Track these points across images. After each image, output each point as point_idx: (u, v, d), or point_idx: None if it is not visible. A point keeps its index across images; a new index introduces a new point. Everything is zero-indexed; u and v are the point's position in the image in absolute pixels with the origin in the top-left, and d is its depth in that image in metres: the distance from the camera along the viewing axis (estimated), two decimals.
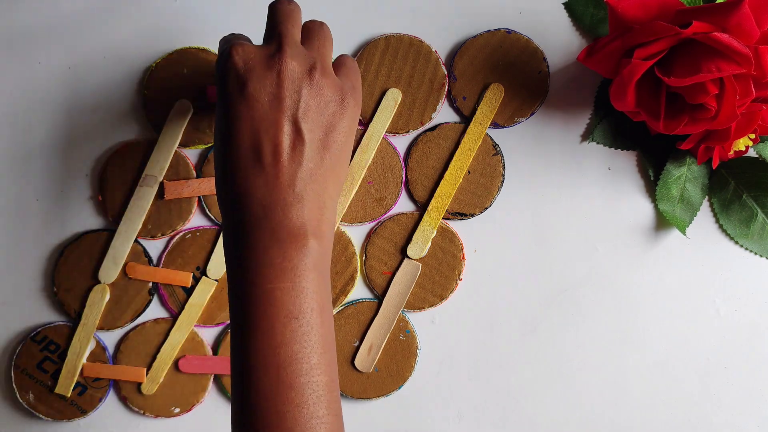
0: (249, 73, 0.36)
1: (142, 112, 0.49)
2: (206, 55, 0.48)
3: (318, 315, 0.35)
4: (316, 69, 0.37)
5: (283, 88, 0.36)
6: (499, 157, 0.49)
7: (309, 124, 0.36)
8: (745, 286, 0.50)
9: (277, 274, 0.35)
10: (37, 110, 0.49)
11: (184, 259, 0.49)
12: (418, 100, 0.49)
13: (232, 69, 0.36)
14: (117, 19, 0.49)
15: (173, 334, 0.49)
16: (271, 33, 0.38)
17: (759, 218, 0.49)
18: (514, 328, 0.50)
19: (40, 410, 0.49)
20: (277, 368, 0.34)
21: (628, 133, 0.49)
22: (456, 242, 0.49)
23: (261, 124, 0.36)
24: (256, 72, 0.36)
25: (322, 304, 0.36)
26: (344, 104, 0.38)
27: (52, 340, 0.49)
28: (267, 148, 0.35)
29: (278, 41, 0.37)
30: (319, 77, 0.37)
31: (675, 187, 0.49)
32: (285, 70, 0.36)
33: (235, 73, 0.36)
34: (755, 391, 0.50)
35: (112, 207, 0.49)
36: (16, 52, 0.49)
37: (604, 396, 0.50)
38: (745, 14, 0.40)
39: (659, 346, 0.50)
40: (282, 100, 0.36)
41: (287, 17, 0.39)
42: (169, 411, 0.49)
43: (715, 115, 0.42)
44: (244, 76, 0.36)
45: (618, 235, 0.50)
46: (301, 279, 0.35)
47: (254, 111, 0.36)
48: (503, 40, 0.49)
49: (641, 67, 0.42)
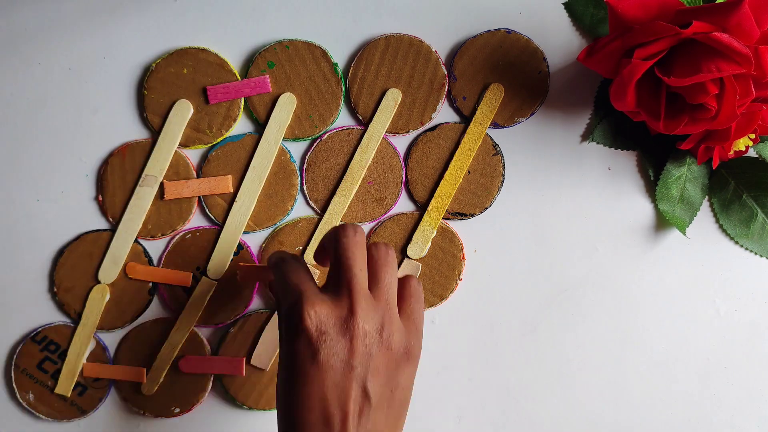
0: (321, 340, 0.35)
1: (142, 112, 0.49)
2: (206, 56, 0.48)
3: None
4: (385, 326, 0.36)
5: (354, 354, 0.35)
6: (499, 157, 0.49)
7: (376, 387, 0.36)
8: (745, 286, 0.50)
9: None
10: (37, 110, 0.49)
11: (184, 259, 0.49)
12: (418, 100, 0.49)
13: (304, 333, 0.35)
14: (117, 19, 0.49)
15: (173, 334, 0.49)
16: (340, 278, 0.37)
17: (759, 218, 0.49)
18: (514, 328, 0.50)
19: (40, 410, 0.49)
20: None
21: (628, 133, 0.49)
22: (456, 242, 0.49)
23: (331, 393, 0.35)
24: (329, 338, 0.35)
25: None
26: (409, 354, 0.37)
27: (52, 340, 0.49)
28: (336, 418, 0.35)
29: (348, 296, 0.36)
30: (388, 333, 0.36)
31: (675, 187, 0.49)
32: (357, 336, 0.35)
33: (307, 339, 0.35)
34: (755, 391, 0.51)
35: (112, 207, 0.49)
36: (16, 52, 0.49)
37: (604, 396, 0.50)
38: (745, 14, 0.40)
39: (659, 346, 0.50)
40: (353, 367, 0.35)
41: (355, 258, 0.37)
42: (169, 411, 0.49)
43: (715, 115, 0.42)
44: (316, 343, 0.35)
45: (618, 235, 0.50)
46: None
47: (325, 379, 0.35)
48: (503, 40, 0.49)
49: (641, 67, 0.42)
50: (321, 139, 0.49)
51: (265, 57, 0.48)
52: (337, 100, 0.49)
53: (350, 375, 0.35)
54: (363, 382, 0.36)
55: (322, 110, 0.49)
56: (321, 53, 0.48)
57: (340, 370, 0.35)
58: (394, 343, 0.37)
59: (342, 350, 0.35)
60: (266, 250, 0.49)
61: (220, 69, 0.48)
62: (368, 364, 0.36)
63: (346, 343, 0.35)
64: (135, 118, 0.49)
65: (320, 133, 0.49)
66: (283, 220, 0.49)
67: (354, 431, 0.35)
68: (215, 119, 0.48)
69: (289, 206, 0.49)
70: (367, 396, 0.36)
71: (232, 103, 0.48)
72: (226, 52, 0.49)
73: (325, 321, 0.36)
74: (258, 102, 0.49)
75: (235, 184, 0.49)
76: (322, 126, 0.49)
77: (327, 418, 0.35)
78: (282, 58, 0.48)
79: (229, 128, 0.49)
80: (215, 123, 0.48)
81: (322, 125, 0.49)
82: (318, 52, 0.48)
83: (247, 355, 0.49)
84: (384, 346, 0.36)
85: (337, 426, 0.35)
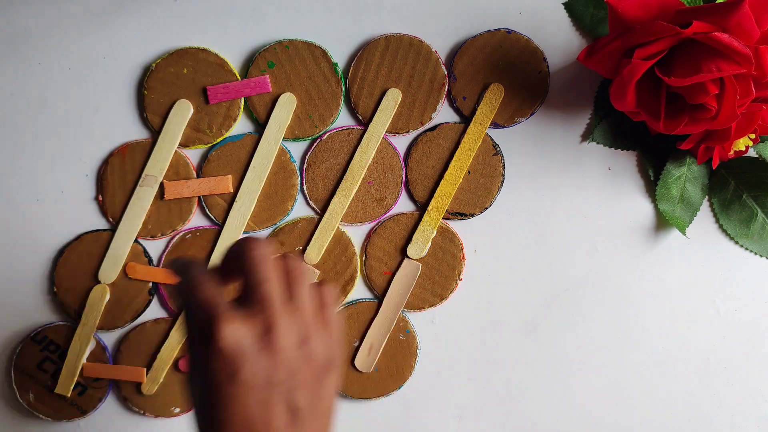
0: (241, 359, 0.32)
1: (142, 112, 0.49)
2: (206, 56, 0.48)
3: None
4: (307, 338, 0.34)
5: (277, 370, 0.33)
6: (499, 157, 0.49)
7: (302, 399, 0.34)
8: (745, 286, 0.50)
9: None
10: (37, 110, 0.49)
11: None
12: (418, 100, 0.49)
13: (220, 352, 0.32)
14: (117, 19, 0.49)
15: (173, 334, 0.49)
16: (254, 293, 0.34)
17: (759, 218, 0.49)
18: (514, 328, 0.50)
19: (40, 410, 0.49)
20: None
21: (628, 133, 0.49)
22: (456, 242, 0.49)
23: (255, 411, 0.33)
24: (249, 357, 0.33)
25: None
26: (332, 364, 0.35)
27: (52, 340, 0.49)
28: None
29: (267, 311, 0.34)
30: (311, 346, 0.34)
31: (675, 187, 0.49)
32: (279, 352, 0.33)
33: (225, 358, 0.32)
34: (755, 391, 0.51)
35: (112, 207, 0.49)
36: (16, 52, 0.49)
37: (604, 396, 0.50)
38: (745, 14, 0.40)
39: (659, 346, 0.50)
40: (277, 384, 0.33)
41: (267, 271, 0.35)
42: (169, 411, 0.49)
43: (715, 115, 0.42)
44: (236, 362, 0.32)
45: (618, 235, 0.50)
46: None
47: (247, 397, 0.33)
48: (503, 40, 0.49)
49: (641, 67, 0.42)
50: (321, 139, 0.49)
51: (265, 57, 0.48)
52: (337, 100, 0.49)
53: (274, 392, 0.33)
54: (289, 398, 0.33)
55: (322, 110, 0.49)
56: (321, 53, 0.48)
57: (263, 389, 0.33)
58: (318, 355, 0.35)
59: (264, 368, 0.33)
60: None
61: (220, 69, 0.48)
62: (293, 379, 0.34)
63: (267, 360, 0.33)
64: (135, 118, 0.49)
65: (320, 133, 0.49)
66: (283, 220, 0.49)
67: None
68: (215, 119, 0.48)
69: (289, 206, 0.49)
70: (294, 411, 0.33)
71: (232, 103, 0.48)
72: (226, 52, 0.49)
73: (243, 339, 0.33)
74: (258, 102, 0.48)
75: (235, 184, 0.49)
76: (322, 126, 0.49)
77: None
78: (282, 58, 0.48)
79: (229, 128, 0.49)
80: (215, 123, 0.48)
81: (322, 125, 0.49)
82: (318, 52, 0.48)
83: None
84: (307, 359, 0.34)
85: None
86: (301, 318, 0.35)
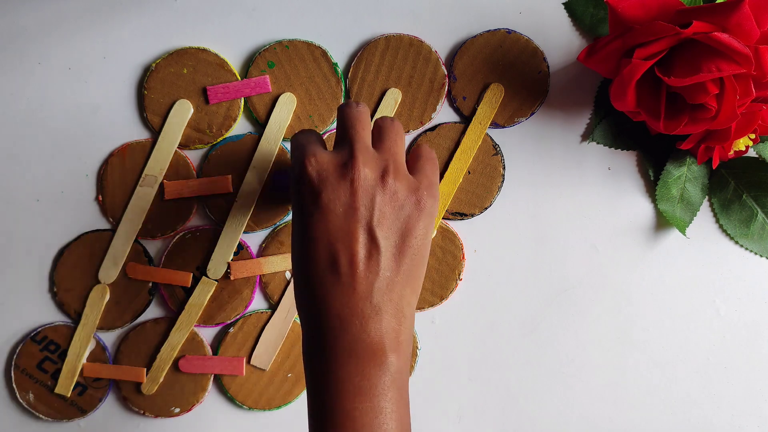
0: (323, 184, 0.36)
1: (142, 112, 0.49)
2: (206, 56, 0.48)
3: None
4: (389, 173, 0.37)
5: (356, 197, 0.36)
6: (499, 157, 0.49)
7: (384, 231, 0.36)
8: (745, 286, 0.50)
9: (355, 393, 0.34)
10: (37, 110, 0.49)
11: (184, 259, 0.49)
12: (418, 100, 0.49)
13: (306, 179, 0.37)
14: (117, 19, 0.49)
15: (173, 334, 0.49)
16: (343, 137, 0.38)
17: (759, 218, 0.49)
18: (514, 328, 0.50)
19: (40, 410, 0.49)
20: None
21: (628, 133, 0.49)
22: (456, 242, 0.49)
23: (336, 235, 0.35)
24: (330, 182, 0.36)
25: (401, 422, 0.35)
26: (420, 205, 0.37)
27: (52, 340, 0.49)
28: (343, 259, 0.35)
29: (350, 147, 0.37)
30: (393, 181, 0.37)
31: (675, 187, 0.49)
32: (358, 179, 0.36)
33: (309, 184, 0.36)
34: (755, 391, 0.51)
35: (112, 207, 0.49)
36: (16, 52, 0.49)
37: (604, 396, 0.50)
38: (745, 14, 0.40)
39: (659, 346, 0.50)
40: (356, 209, 0.36)
41: (356, 121, 0.38)
42: (169, 411, 0.49)
43: (715, 115, 0.42)
44: (318, 187, 0.36)
45: (618, 235, 0.50)
46: (380, 398, 0.34)
47: (329, 222, 0.36)
48: (503, 40, 0.49)
49: (641, 67, 0.42)
50: None
51: (265, 57, 0.48)
52: (337, 100, 0.49)
53: (354, 218, 0.36)
54: (369, 226, 0.36)
55: (322, 110, 0.49)
56: (321, 53, 0.48)
57: (343, 214, 0.36)
58: (400, 191, 0.37)
59: (344, 194, 0.36)
60: (266, 249, 0.49)
61: (220, 69, 0.48)
62: (372, 209, 0.36)
63: (346, 186, 0.36)
64: (135, 118, 0.49)
65: (320, 133, 0.49)
66: (283, 220, 0.49)
67: (364, 275, 0.35)
68: (215, 119, 0.48)
69: (289, 206, 0.49)
70: (375, 241, 0.36)
71: (232, 103, 0.48)
72: (226, 52, 0.49)
73: (326, 167, 0.36)
74: (258, 102, 0.49)
75: (235, 184, 0.49)
76: (322, 126, 0.49)
77: (334, 262, 0.35)
78: (282, 58, 0.48)
79: (229, 128, 0.49)
80: (215, 123, 0.48)
81: (322, 125, 0.49)
82: (318, 52, 0.48)
83: (247, 355, 0.49)
84: (388, 193, 0.36)
85: (344, 268, 0.35)
86: (384, 159, 0.38)
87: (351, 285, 0.35)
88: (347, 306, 0.35)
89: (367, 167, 0.36)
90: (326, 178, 0.36)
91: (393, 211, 0.37)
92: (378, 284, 0.35)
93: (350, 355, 0.34)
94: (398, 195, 0.37)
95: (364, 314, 0.35)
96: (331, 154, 0.37)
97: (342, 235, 0.35)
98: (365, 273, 0.35)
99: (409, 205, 0.37)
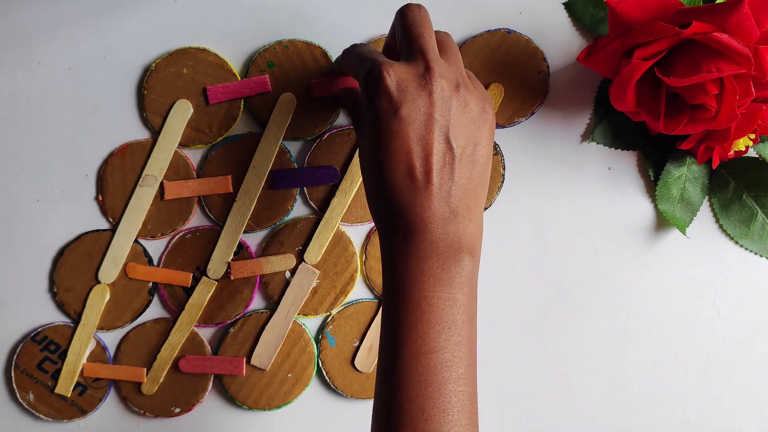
0: (403, 95, 0.37)
1: (142, 112, 0.49)
2: (206, 56, 0.48)
3: (468, 328, 0.37)
4: (461, 84, 0.38)
5: (435, 107, 0.37)
6: (499, 157, 0.49)
7: (459, 140, 0.37)
8: (745, 286, 0.50)
9: (435, 283, 0.36)
10: (37, 110, 0.49)
11: (184, 259, 0.49)
12: None
13: (384, 91, 0.37)
14: (117, 19, 0.49)
15: (173, 334, 0.49)
16: (412, 46, 0.39)
17: (759, 218, 0.49)
18: (514, 328, 0.50)
19: (40, 410, 0.49)
20: (427, 372, 0.35)
21: (628, 133, 0.49)
22: None
23: (415, 144, 0.37)
24: (410, 93, 0.37)
25: (471, 317, 0.37)
26: (485, 115, 0.39)
27: (52, 340, 0.49)
28: (421, 167, 0.37)
29: (424, 58, 0.38)
30: (465, 92, 0.38)
31: (675, 187, 0.49)
32: (436, 90, 0.37)
33: (388, 95, 0.37)
34: (755, 391, 0.51)
35: (112, 207, 0.49)
36: (16, 52, 0.49)
37: (604, 396, 0.50)
38: (745, 14, 0.40)
39: (659, 346, 0.50)
40: (435, 119, 0.37)
41: (424, 28, 0.39)
42: (169, 411, 0.49)
43: (715, 115, 0.42)
44: (398, 99, 0.37)
45: (618, 235, 0.50)
46: (456, 291, 0.37)
47: (408, 131, 0.37)
48: (503, 40, 0.49)
49: (641, 67, 0.42)
50: (321, 139, 0.49)
51: (265, 57, 0.48)
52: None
53: (432, 127, 0.37)
54: (445, 135, 0.37)
55: (323, 110, 0.49)
56: (321, 53, 0.48)
57: (423, 123, 0.37)
58: (470, 101, 0.38)
59: (423, 104, 0.37)
60: (266, 249, 0.49)
61: (220, 69, 0.48)
62: (449, 117, 0.37)
63: (426, 97, 0.37)
64: (135, 118, 0.49)
65: (320, 133, 0.49)
66: (283, 220, 0.49)
67: (441, 181, 0.37)
68: (215, 119, 0.48)
69: (289, 206, 0.49)
70: (450, 149, 0.37)
71: (232, 103, 0.48)
72: (226, 52, 0.49)
73: (404, 78, 0.37)
74: (258, 102, 0.49)
75: (235, 184, 0.49)
76: (322, 126, 0.49)
77: (411, 171, 0.37)
78: (282, 58, 0.48)
79: (229, 128, 0.49)
80: (215, 123, 0.48)
81: (322, 125, 0.49)
82: (318, 52, 0.48)
83: (247, 355, 0.49)
84: (461, 103, 0.38)
85: (422, 175, 0.37)
86: (455, 68, 0.39)
87: (430, 190, 0.37)
88: (427, 209, 0.37)
89: (444, 79, 0.37)
90: (405, 89, 0.37)
91: (466, 120, 0.38)
92: (454, 190, 0.37)
93: (433, 250, 0.36)
94: (470, 106, 0.38)
95: (443, 217, 0.37)
96: (406, 65, 0.38)
97: (421, 145, 0.37)
98: (442, 179, 0.37)
99: (478, 116, 0.38)
